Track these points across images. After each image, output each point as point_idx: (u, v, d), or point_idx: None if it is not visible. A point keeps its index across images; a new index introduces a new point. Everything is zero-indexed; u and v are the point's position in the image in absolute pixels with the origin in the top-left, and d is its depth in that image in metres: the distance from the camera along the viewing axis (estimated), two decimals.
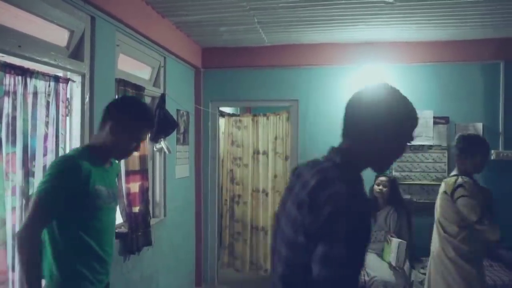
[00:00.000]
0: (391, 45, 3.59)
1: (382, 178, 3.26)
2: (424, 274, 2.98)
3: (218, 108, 4.03)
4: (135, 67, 2.90)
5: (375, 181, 3.29)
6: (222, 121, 4.15)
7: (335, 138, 4.27)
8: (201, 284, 3.91)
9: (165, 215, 3.16)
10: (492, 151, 3.47)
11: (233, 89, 3.94)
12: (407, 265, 3.05)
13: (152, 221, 2.89)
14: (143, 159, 2.64)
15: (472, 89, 3.55)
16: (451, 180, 2.29)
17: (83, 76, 2.12)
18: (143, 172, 2.64)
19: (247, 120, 4.09)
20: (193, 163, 3.84)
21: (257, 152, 4.03)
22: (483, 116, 3.54)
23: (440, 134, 3.57)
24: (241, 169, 4.08)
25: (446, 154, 3.56)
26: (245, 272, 4.04)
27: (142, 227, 2.60)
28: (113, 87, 2.40)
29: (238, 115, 4.28)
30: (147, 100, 3.03)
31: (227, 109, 4.59)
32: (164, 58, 3.19)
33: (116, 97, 2.42)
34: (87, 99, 2.14)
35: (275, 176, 3.98)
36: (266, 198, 3.99)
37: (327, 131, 3.75)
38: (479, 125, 3.53)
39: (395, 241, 3.01)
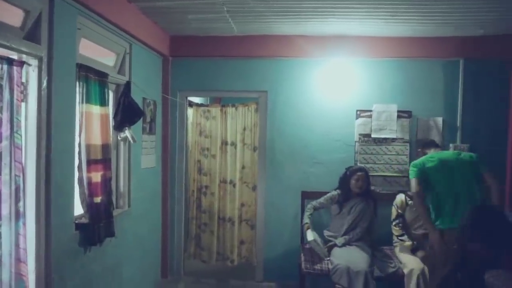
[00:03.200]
0: (359, 39, 3.65)
1: (360, 173, 3.32)
2: (389, 263, 3.11)
3: (187, 98, 3.96)
4: (99, 53, 2.79)
5: (350, 175, 3.34)
6: (190, 111, 4.10)
7: (302, 130, 4.40)
8: (167, 275, 3.87)
9: (129, 206, 3.09)
10: (450, 144, 3.64)
11: (202, 78, 3.88)
12: (369, 253, 3.15)
13: (116, 212, 2.82)
14: (105, 148, 2.55)
15: (434, 85, 3.69)
16: None
17: (40, 59, 2.01)
18: (105, 161, 2.55)
19: (215, 110, 4.05)
20: (160, 153, 3.77)
21: (225, 143, 4.01)
22: (443, 110, 3.69)
23: (403, 128, 3.69)
24: (208, 159, 4.04)
25: (408, 147, 3.69)
26: (211, 263, 4.04)
27: (104, 217, 2.52)
28: (73, 72, 2.29)
29: (207, 105, 4.23)
30: (112, 87, 2.94)
31: (196, 99, 4.52)
32: (130, 44, 3.09)
33: (77, 83, 2.33)
34: (44, 84, 2.04)
35: (243, 167, 3.98)
36: (233, 189, 3.99)
37: (295, 123, 3.79)
38: (439, 120, 3.67)
39: None
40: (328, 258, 3.17)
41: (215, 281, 3.89)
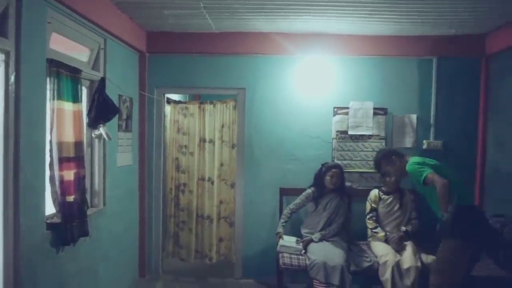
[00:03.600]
0: (336, 37, 3.69)
1: (335, 170, 3.37)
2: (364, 257, 3.17)
3: (164, 94, 3.91)
4: (72, 48, 2.72)
5: (325, 172, 3.38)
6: (168, 108, 4.05)
7: (280, 127, 4.41)
8: (145, 274, 3.82)
9: (104, 204, 3.03)
10: (424, 141, 3.72)
11: (180, 75, 3.84)
12: (345, 248, 3.20)
13: (90, 211, 2.77)
14: (78, 146, 2.50)
15: (408, 83, 3.77)
16: None
17: (7, 54, 1.95)
18: (78, 159, 2.50)
19: (193, 107, 4.02)
20: (136, 151, 3.72)
21: (204, 140, 3.98)
22: (417, 108, 3.77)
23: (379, 125, 3.76)
24: (187, 157, 4.01)
25: (384, 144, 3.76)
26: (190, 261, 4.01)
27: (77, 217, 2.47)
28: (43, 67, 2.23)
29: (185, 102, 4.19)
30: (85, 83, 2.87)
31: (175, 96, 4.48)
32: (105, 40, 3.02)
33: (48, 78, 2.27)
34: (12, 80, 1.97)
35: (222, 165, 3.96)
36: (212, 187, 3.97)
37: (273, 120, 3.80)
38: (414, 117, 3.75)
39: None
40: (304, 251, 3.20)
41: (193, 279, 3.87)
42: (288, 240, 3.36)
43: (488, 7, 2.93)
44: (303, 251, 3.22)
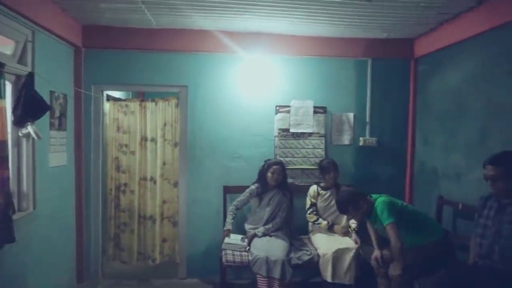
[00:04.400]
0: (277, 37, 3.76)
1: (276, 167, 3.44)
2: (305, 250, 3.27)
3: (103, 91, 3.76)
4: None
5: (267, 168, 3.44)
6: (107, 106, 3.89)
7: (223, 125, 4.40)
8: (84, 280, 3.65)
9: (34, 208, 2.85)
10: (361, 138, 3.93)
11: (120, 72, 3.71)
12: (287, 242, 3.29)
13: (17, 215, 2.58)
14: (1, 145, 2.32)
15: (346, 82, 3.94)
16: None
17: None
18: (1, 160, 2.32)
19: (134, 105, 3.90)
20: (72, 151, 3.53)
21: (145, 139, 3.87)
22: (354, 107, 3.96)
23: (319, 123, 3.89)
24: (127, 156, 3.88)
25: (323, 141, 3.91)
26: (132, 264, 3.89)
27: (1, 222, 2.30)
28: None
29: (125, 100, 4.05)
30: (10, 78, 2.67)
31: (117, 94, 4.30)
32: (33, 32, 2.83)
33: None
34: None
35: (164, 164, 3.89)
36: (154, 186, 3.88)
37: (216, 118, 3.80)
38: (351, 115, 3.94)
39: None
40: (248, 248, 3.24)
41: (136, 282, 3.76)
42: (234, 238, 3.38)
43: (415, 16, 3.15)
44: (248, 247, 3.25)
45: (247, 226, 3.50)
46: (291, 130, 3.84)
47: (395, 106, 3.98)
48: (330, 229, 3.45)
